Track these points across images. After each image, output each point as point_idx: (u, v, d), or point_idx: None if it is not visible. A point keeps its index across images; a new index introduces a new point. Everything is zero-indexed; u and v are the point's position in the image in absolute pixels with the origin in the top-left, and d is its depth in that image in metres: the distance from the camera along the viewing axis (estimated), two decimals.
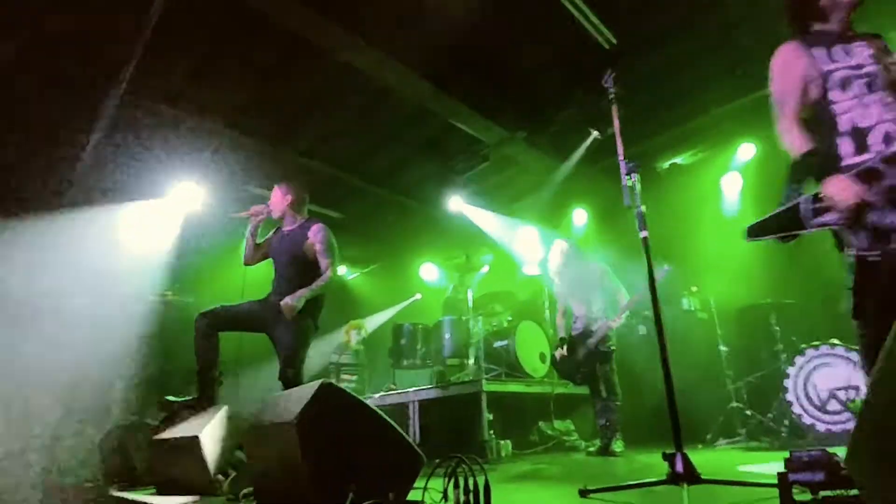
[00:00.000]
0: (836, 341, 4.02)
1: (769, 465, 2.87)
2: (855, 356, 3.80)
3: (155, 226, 5.91)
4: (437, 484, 1.84)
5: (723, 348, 4.99)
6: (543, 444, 5.44)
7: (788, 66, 2.06)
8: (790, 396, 4.10)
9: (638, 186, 2.53)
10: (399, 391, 5.67)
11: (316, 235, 3.45)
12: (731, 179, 6.04)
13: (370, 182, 6.58)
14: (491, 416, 4.78)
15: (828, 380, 3.97)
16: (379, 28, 4.18)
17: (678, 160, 6.31)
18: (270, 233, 3.74)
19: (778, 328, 4.66)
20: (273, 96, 4.93)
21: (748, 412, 4.65)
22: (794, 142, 1.99)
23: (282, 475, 2.08)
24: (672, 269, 4.13)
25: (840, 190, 1.75)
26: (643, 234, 2.46)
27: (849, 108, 1.89)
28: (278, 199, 3.64)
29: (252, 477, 2.49)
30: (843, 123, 1.89)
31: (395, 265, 9.13)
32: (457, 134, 5.56)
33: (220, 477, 2.79)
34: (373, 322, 8.27)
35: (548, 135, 5.34)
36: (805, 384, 4.07)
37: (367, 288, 9.58)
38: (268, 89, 4.83)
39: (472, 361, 5.66)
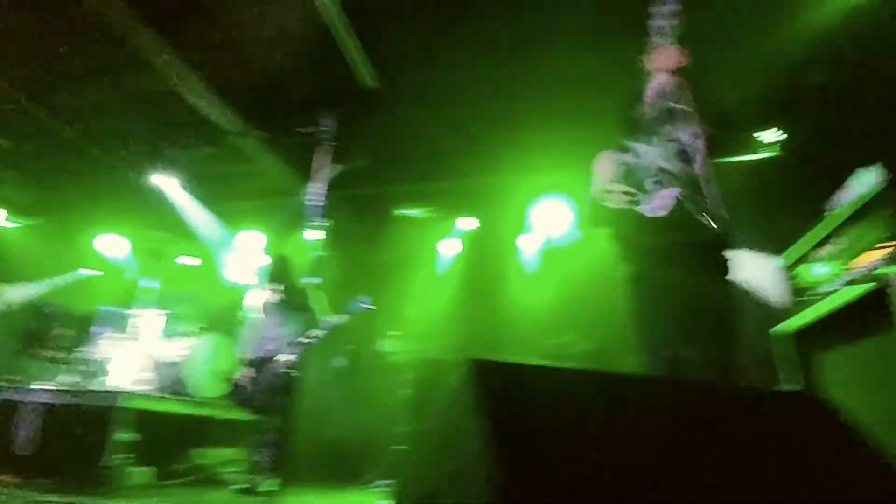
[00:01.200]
0: None
1: None
2: None
3: None
4: None
5: (405, 393, 5.27)
6: (192, 475, 4.71)
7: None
8: None
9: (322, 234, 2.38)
10: (10, 386, 4.28)
11: None
12: (451, 243, 6.74)
13: (55, 115, 5.01)
14: (134, 437, 3.97)
15: None
16: None
17: (412, 212, 6.70)
18: None
19: None
20: None
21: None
22: None
23: None
24: (371, 305, 4.15)
25: None
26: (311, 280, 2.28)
27: None
28: None
29: None
30: None
31: (69, 228, 7.14)
32: (182, 102, 4.71)
33: None
34: (19, 293, 6.15)
35: (289, 146, 4.99)
36: None
37: (30, 247, 7.27)
38: None
39: None
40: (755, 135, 4.73)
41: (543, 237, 6.18)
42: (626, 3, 3.61)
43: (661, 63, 1.97)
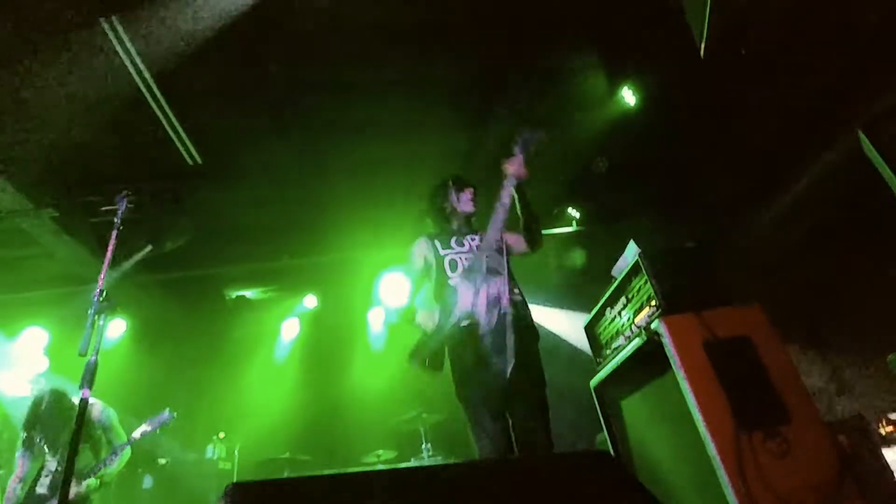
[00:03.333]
0: None
1: None
2: None
3: None
4: None
5: None
6: None
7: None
8: None
9: (103, 328, 2.08)
10: None
11: None
12: (290, 325, 6.34)
13: None
14: None
15: None
16: None
17: (247, 293, 6.23)
18: None
19: None
20: None
21: None
22: None
23: None
24: (168, 420, 3.55)
25: None
26: (84, 393, 1.92)
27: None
28: None
29: None
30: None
31: None
32: None
33: None
34: None
35: (89, 225, 4.35)
36: None
37: None
38: None
39: None
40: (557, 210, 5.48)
41: (388, 312, 6.18)
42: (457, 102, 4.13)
43: (516, 171, 2.33)
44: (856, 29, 2.81)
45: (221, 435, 4.97)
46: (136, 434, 3.53)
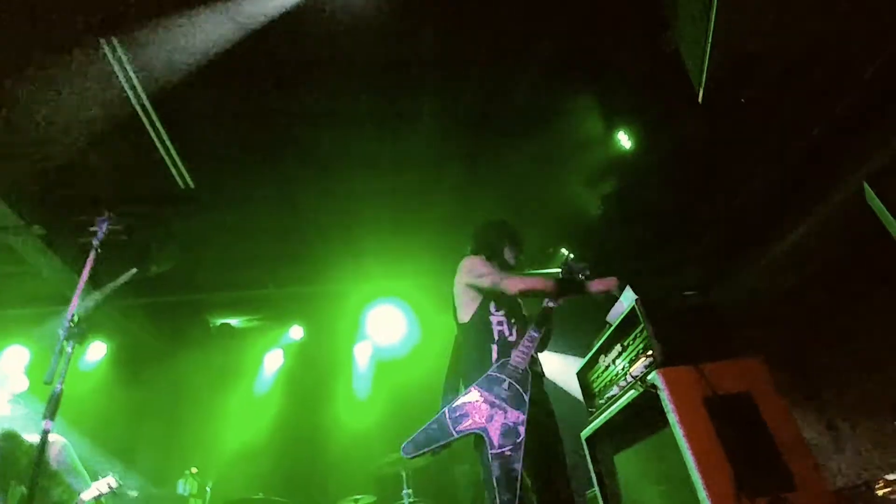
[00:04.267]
0: None
1: None
2: None
3: None
4: None
5: None
6: None
7: None
8: None
9: (72, 355, 1.97)
10: None
11: None
12: (274, 356, 6.15)
13: None
14: None
15: None
16: None
17: (232, 321, 6.06)
18: None
19: None
20: None
21: None
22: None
23: None
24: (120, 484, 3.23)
25: None
26: (46, 425, 1.80)
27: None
28: None
29: None
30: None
31: None
32: None
33: None
34: None
35: (77, 245, 4.25)
36: None
37: None
38: None
39: None
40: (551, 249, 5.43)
41: (375, 346, 6.02)
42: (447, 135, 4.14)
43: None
44: (855, 80, 2.83)
45: (194, 470, 4.71)
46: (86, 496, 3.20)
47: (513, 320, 2.32)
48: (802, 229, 3.92)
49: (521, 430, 1.98)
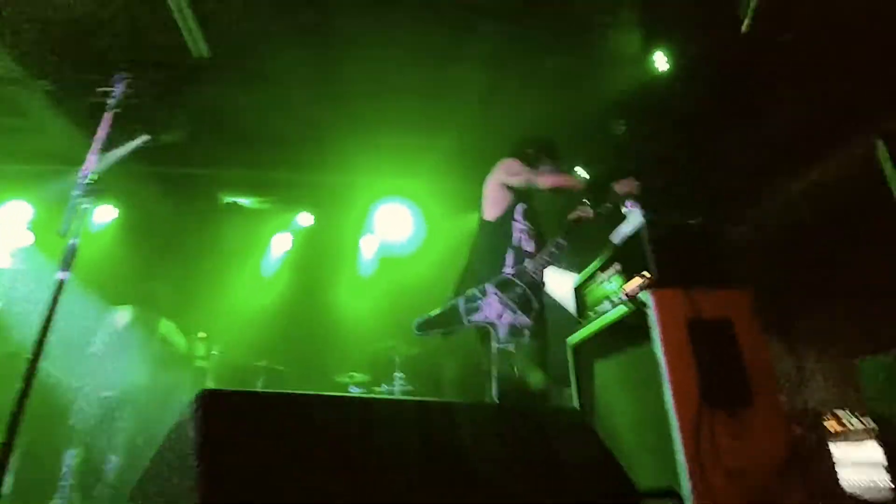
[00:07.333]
0: None
1: None
2: None
3: None
4: None
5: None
6: None
7: None
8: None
9: (87, 212, 2.04)
10: None
11: None
12: (282, 239, 6.34)
13: None
14: None
15: None
16: None
17: (243, 200, 6.16)
18: None
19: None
20: None
21: None
22: None
23: None
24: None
25: None
26: (62, 274, 1.93)
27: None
28: None
29: None
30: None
31: None
32: None
33: None
34: None
35: (85, 104, 4.20)
36: None
37: None
38: None
39: None
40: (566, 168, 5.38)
41: (382, 241, 6.18)
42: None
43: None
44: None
45: (202, 335, 5.07)
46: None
47: (533, 232, 2.43)
48: (812, 176, 3.90)
49: (527, 332, 2.15)
